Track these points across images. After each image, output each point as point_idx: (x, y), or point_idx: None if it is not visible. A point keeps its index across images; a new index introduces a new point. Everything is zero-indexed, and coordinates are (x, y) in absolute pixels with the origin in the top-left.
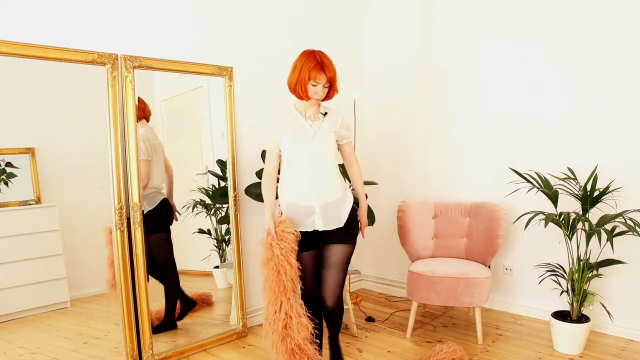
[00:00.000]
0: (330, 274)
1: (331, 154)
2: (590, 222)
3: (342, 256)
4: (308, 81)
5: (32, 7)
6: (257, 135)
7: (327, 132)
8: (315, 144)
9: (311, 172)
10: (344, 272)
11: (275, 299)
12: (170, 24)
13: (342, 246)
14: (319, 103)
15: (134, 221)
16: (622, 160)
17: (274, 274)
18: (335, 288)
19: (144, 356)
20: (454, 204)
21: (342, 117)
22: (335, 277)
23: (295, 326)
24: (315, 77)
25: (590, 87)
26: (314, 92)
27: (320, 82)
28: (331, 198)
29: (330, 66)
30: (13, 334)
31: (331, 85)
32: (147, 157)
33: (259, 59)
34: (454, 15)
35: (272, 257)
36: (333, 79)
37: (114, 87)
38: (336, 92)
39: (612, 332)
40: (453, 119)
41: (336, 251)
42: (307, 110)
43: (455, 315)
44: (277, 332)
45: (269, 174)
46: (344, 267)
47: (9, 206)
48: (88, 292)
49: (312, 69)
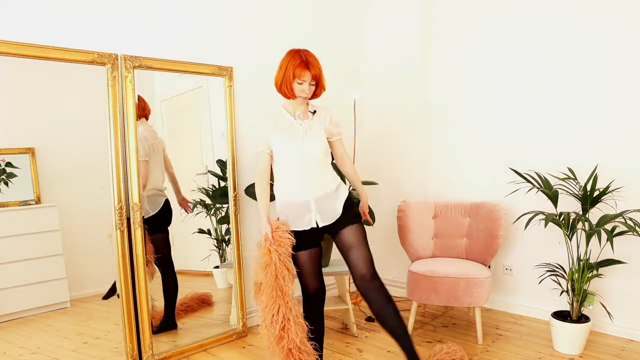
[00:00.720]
0: (356, 253)
1: (322, 152)
2: (590, 222)
3: (357, 234)
4: (293, 80)
5: (32, 7)
6: (257, 135)
7: (317, 130)
8: (306, 142)
9: (303, 170)
10: (366, 247)
11: (273, 303)
12: (170, 24)
13: (351, 227)
14: (307, 102)
15: (134, 221)
16: (622, 160)
17: (272, 278)
18: (367, 262)
19: (144, 356)
20: (454, 204)
21: (332, 115)
22: (362, 251)
23: (293, 327)
24: (300, 75)
25: (590, 87)
26: (300, 90)
27: (306, 80)
28: (324, 191)
29: (315, 64)
30: (13, 334)
31: (317, 83)
32: (145, 158)
33: (259, 59)
34: (453, 15)
35: (271, 262)
36: (318, 77)
37: (114, 87)
38: (323, 89)
39: (612, 332)
40: (453, 119)
41: (349, 233)
42: (295, 109)
43: (455, 315)
44: (274, 335)
45: (260, 175)
46: (364, 242)
47: (9, 206)
48: (88, 292)
49: (296, 67)
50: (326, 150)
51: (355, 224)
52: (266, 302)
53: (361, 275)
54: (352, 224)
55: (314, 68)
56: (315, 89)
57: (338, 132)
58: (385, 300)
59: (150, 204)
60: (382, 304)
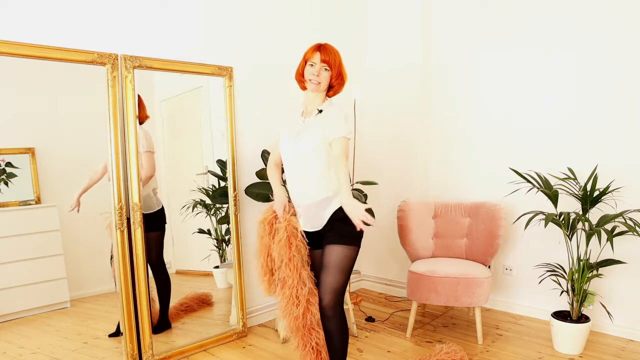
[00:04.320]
0: (325, 277)
1: (314, 154)
2: (590, 222)
3: (335, 257)
4: (305, 63)
5: (32, 7)
6: (257, 135)
7: (313, 131)
8: (299, 142)
9: (297, 171)
10: (338, 274)
11: (297, 273)
12: (170, 24)
13: (333, 247)
14: (323, 97)
15: (134, 221)
16: (622, 160)
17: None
18: (328, 290)
19: (144, 356)
20: (454, 204)
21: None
22: (328, 278)
23: (314, 304)
24: (311, 57)
25: (590, 87)
26: (310, 73)
27: (316, 62)
28: (314, 199)
29: (329, 50)
30: (13, 334)
31: (332, 72)
32: (151, 149)
33: (259, 59)
34: (454, 15)
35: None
36: (331, 63)
37: (114, 87)
38: (342, 81)
39: (612, 332)
40: (453, 119)
41: (328, 252)
42: (308, 104)
43: (455, 315)
44: (301, 305)
45: (271, 164)
46: (338, 268)
47: (9, 206)
48: (88, 292)
49: (309, 51)
50: (320, 153)
51: (339, 244)
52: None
53: (321, 301)
54: (335, 244)
55: (327, 53)
56: (332, 80)
57: (336, 131)
58: (338, 332)
59: (146, 203)
60: (331, 334)
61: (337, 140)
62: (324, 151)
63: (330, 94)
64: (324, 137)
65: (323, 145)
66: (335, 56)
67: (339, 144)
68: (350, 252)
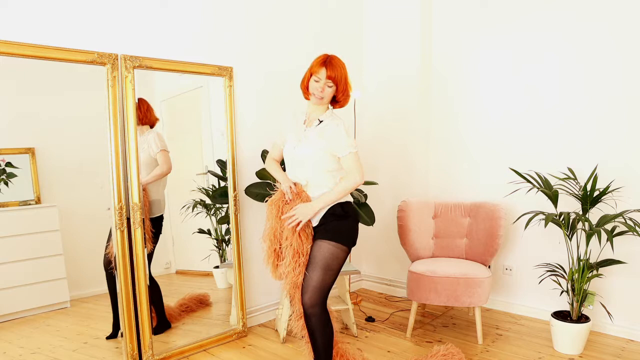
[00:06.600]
0: (310, 272)
1: (310, 163)
2: (590, 222)
3: (322, 253)
4: (310, 76)
5: (32, 7)
6: (257, 135)
7: (312, 141)
8: (297, 149)
9: (292, 175)
10: (321, 271)
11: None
12: (170, 24)
13: (323, 242)
14: (327, 107)
15: (134, 221)
16: (622, 160)
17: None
18: (310, 287)
19: (144, 356)
20: (454, 204)
21: (340, 130)
22: (312, 274)
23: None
24: (317, 72)
25: (590, 87)
26: (314, 87)
27: (321, 78)
28: (312, 195)
29: (335, 66)
30: (13, 334)
31: (337, 88)
32: (166, 148)
33: (259, 59)
34: (454, 15)
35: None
36: (336, 79)
37: (114, 87)
38: (345, 97)
39: (612, 332)
40: (453, 119)
41: (317, 247)
42: (310, 113)
43: (455, 315)
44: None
45: (269, 159)
46: (323, 266)
47: (9, 206)
48: (88, 292)
49: (315, 64)
50: (316, 162)
51: (328, 240)
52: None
53: (303, 297)
54: (326, 239)
55: (333, 69)
56: (336, 95)
57: (342, 149)
58: (319, 331)
59: (158, 205)
60: (313, 332)
61: (345, 158)
62: (321, 160)
63: (336, 107)
64: (320, 148)
65: (320, 154)
66: (341, 71)
67: (348, 160)
68: (338, 251)
